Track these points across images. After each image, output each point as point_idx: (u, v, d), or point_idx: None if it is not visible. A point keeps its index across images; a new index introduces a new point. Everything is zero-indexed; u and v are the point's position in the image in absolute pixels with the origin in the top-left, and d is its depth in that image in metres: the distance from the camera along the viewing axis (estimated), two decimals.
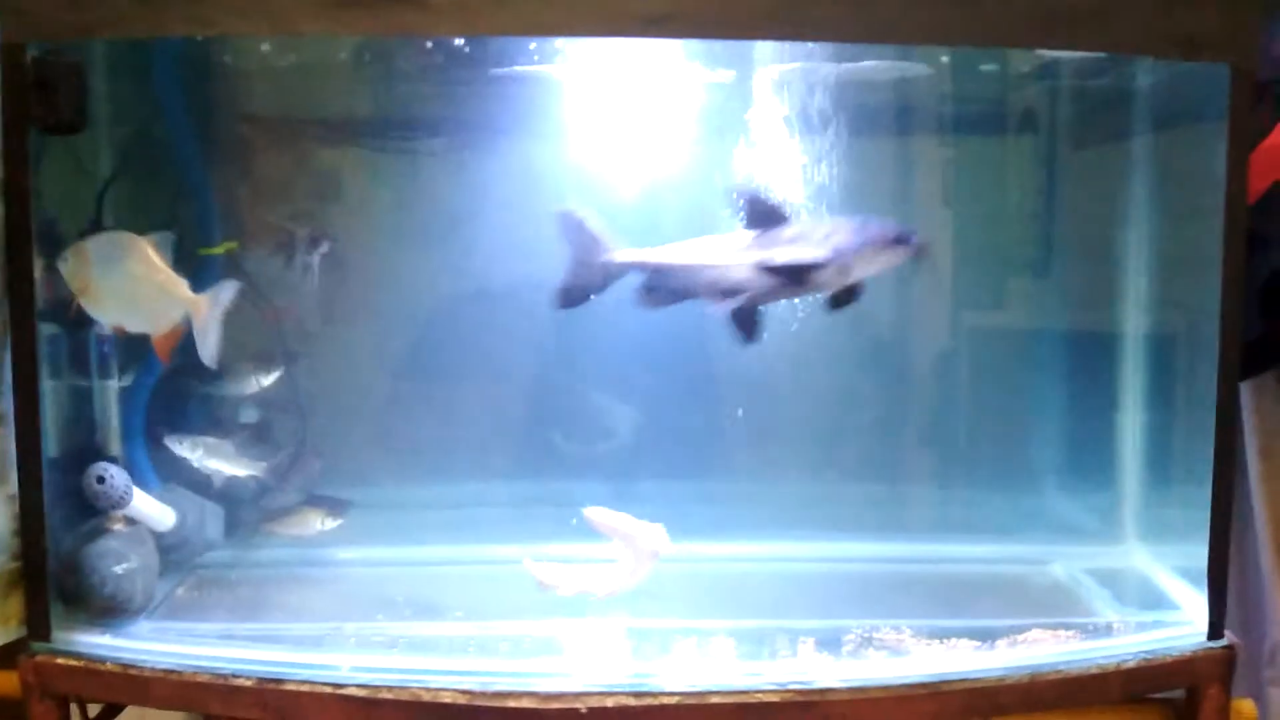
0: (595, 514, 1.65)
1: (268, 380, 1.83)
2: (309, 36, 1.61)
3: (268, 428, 1.90)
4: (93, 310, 1.58)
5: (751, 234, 1.62)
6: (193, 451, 1.77)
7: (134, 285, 1.57)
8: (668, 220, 1.88)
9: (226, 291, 1.60)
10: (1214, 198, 1.57)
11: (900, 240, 1.57)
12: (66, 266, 1.56)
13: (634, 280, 1.89)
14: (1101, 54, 1.78)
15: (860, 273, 1.58)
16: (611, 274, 1.67)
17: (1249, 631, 2.01)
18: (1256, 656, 2.01)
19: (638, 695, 1.48)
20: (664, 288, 1.67)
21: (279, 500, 1.87)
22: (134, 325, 1.60)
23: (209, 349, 1.59)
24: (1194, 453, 1.66)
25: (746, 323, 1.63)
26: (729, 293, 1.61)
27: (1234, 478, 1.64)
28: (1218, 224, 1.57)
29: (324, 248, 1.83)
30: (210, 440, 1.80)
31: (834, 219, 1.61)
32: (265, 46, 1.78)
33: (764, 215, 1.61)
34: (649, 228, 1.90)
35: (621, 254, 1.66)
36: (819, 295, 1.62)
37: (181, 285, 1.58)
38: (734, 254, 1.61)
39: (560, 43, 1.66)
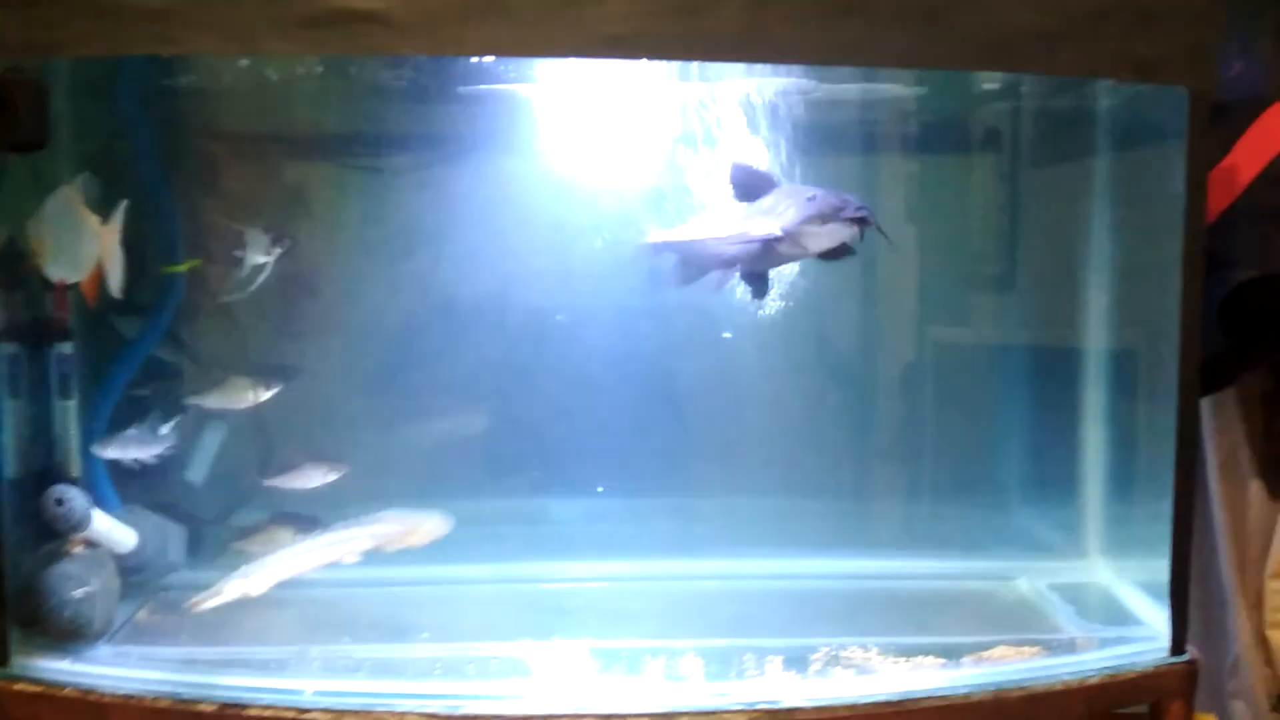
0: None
1: (265, 395, 1.81)
2: (273, 56, 1.61)
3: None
4: (46, 269, 1.58)
5: (741, 206, 1.70)
6: (122, 450, 1.75)
7: (69, 234, 1.58)
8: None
9: (118, 215, 1.60)
10: (1175, 216, 1.59)
11: (849, 214, 1.60)
12: (30, 236, 1.57)
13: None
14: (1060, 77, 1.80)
15: (814, 246, 1.63)
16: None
17: (1212, 645, 2.03)
18: (1219, 670, 2.03)
19: (605, 717, 1.47)
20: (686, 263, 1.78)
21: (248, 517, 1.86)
22: (72, 275, 1.60)
23: (115, 278, 1.59)
24: (1156, 468, 1.68)
25: (756, 284, 1.73)
26: (728, 263, 1.71)
27: (1195, 493, 1.66)
28: (1178, 242, 1.59)
29: (281, 248, 1.81)
30: (129, 433, 1.77)
31: (794, 191, 1.66)
32: (235, 64, 1.77)
33: (750, 187, 1.69)
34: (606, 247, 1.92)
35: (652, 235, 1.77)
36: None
37: (95, 219, 1.59)
38: (715, 228, 1.71)
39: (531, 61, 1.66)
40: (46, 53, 1.46)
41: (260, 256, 1.77)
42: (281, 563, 1.56)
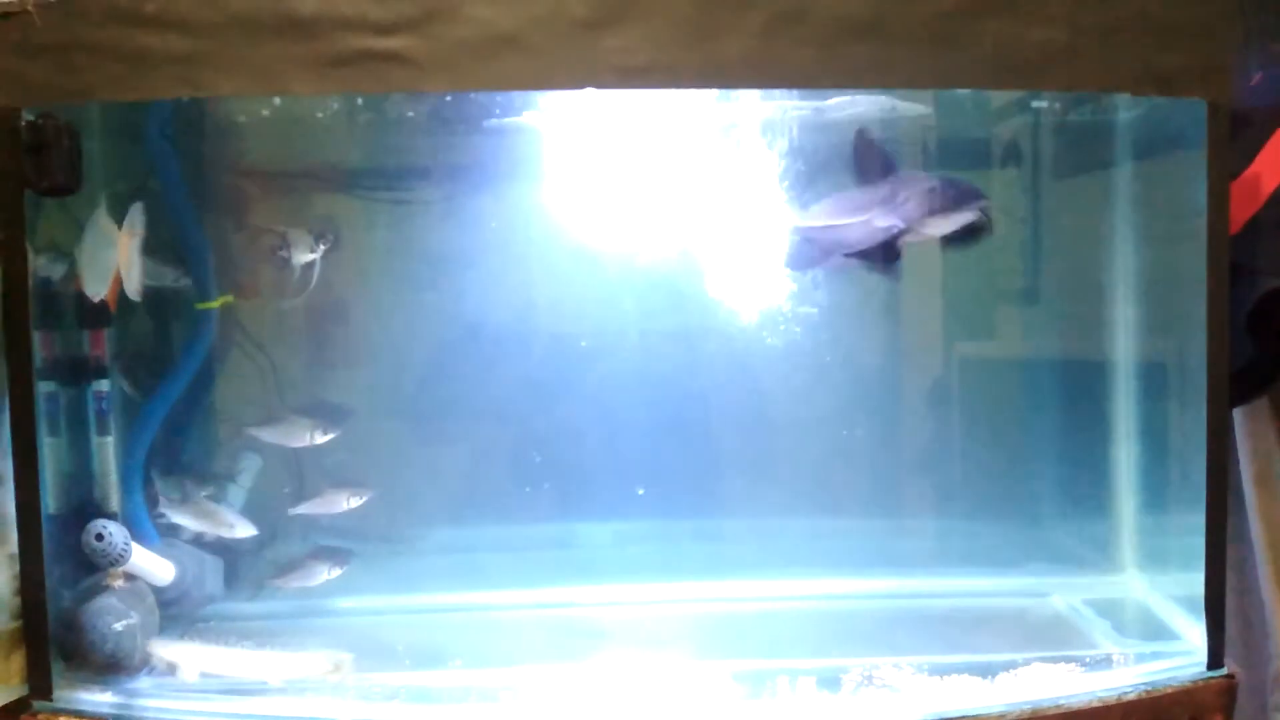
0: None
1: (323, 438, 1.83)
2: (299, 96, 1.64)
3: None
4: (86, 289, 1.64)
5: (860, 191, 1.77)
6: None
7: (100, 249, 1.64)
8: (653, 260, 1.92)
9: (137, 219, 1.64)
10: (1199, 226, 1.59)
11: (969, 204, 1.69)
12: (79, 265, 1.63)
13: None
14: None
15: (936, 233, 1.74)
16: None
17: (1252, 658, 2.00)
18: (1260, 683, 2.00)
19: None
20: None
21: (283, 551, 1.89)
22: (104, 287, 1.64)
23: (133, 282, 1.64)
24: (1189, 479, 1.67)
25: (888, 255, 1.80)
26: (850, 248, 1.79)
27: (1227, 507, 1.64)
28: (1203, 253, 1.58)
29: (326, 244, 1.84)
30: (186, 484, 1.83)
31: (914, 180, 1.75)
32: (264, 100, 1.80)
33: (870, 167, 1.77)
34: (632, 271, 1.94)
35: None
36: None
37: (115, 229, 1.64)
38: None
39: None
40: (77, 98, 1.50)
41: (307, 254, 1.81)
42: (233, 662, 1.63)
